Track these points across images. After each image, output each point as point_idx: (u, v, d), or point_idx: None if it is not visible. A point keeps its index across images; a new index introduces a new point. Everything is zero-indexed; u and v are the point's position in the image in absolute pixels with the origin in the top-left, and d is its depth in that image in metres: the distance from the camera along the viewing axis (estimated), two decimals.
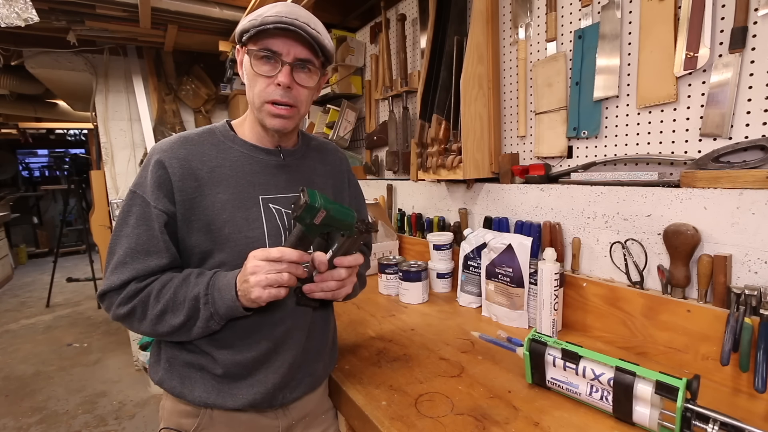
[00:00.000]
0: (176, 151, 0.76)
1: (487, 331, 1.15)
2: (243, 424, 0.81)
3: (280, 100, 0.75)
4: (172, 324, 0.72)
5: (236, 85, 2.63)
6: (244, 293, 0.69)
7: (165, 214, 0.74)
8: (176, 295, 0.72)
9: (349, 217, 0.74)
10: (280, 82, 0.74)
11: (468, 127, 1.35)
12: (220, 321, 0.73)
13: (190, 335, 0.74)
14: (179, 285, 0.73)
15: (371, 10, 2.12)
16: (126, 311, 0.73)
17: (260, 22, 0.70)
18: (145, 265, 0.73)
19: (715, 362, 0.86)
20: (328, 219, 0.70)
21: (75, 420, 2.51)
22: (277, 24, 0.69)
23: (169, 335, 0.75)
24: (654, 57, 0.99)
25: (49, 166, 7.82)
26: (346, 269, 0.75)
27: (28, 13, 1.59)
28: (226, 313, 0.71)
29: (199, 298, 0.71)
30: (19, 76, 3.11)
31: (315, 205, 0.68)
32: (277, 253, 0.68)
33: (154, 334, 0.75)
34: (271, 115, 0.76)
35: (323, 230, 0.73)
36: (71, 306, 4.62)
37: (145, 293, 0.73)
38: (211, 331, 0.74)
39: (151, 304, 0.72)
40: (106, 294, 0.75)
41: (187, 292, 0.72)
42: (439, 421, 0.77)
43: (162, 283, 0.73)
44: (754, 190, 0.83)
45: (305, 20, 0.72)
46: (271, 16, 0.70)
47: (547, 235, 1.23)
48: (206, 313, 0.71)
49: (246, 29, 0.72)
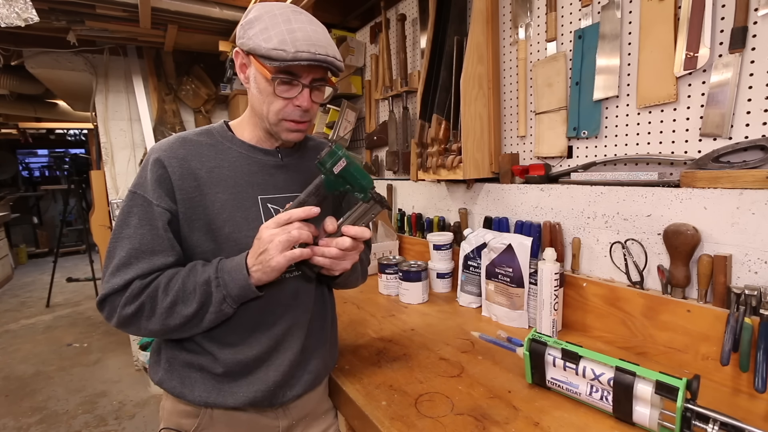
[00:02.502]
0: (175, 151, 0.76)
1: (487, 331, 1.15)
2: (243, 424, 0.81)
3: (300, 119, 0.78)
4: (185, 314, 0.71)
5: (236, 85, 2.62)
6: (262, 267, 0.70)
7: (168, 212, 0.73)
8: (185, 284, 0.71)
9: (366, 179, 0.74)
10: (300, 105, 0.75)
11: (468, 127, 1.35)
12: (232, 304, 0.72)
13: (201, 325, 0.73)
14: (187, 275, 0.72)
15: (371, 10, 2.12)
16: (133, 310, 0.70)
17: (293, 57, 0.68)
18: (151, 265, 0.72)
19: (715, 362, 0.86)
20: (347, 172, 0.72)
21: (75, 420, 2.51)
22: (311, 61, 0.69)
23: (180, 328, 0.73)
24: (654, 57, 0.99)
25: (49, 166, 7.82)
26: (351, 240, 0.74)
27: (28, 13, 1.59)
28: (239, 294, 0.71)
29: (210, 281, 0.71)
30: (19, 76, 3.11)
31: (338, 152, 0.72)
32: (285, 215, 0.71)
33: (164, 329, 0.72)
34: (289, 131, 0.79)
35: (339, 186, 0.74)
36: (71, 306, 4.62)
37: (152, 288, 0.71)
38: (224, 316, 0.74)
39: (159, 297, 0.71)
40: (107, 298, 0.72)
41: (197, 279, 0.71)
42: (439, 421, 0.77)
43: (168, 277, 0.72)
44: (754, 190, 0.83)
45: (331, 52, 0.72)
46: (304, 52, 0.68)
47: (547, 235, 1.23)
48: (219, 296, 0.71)
49: (273, 57, 0.69)
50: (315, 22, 0.74)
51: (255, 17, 0.72)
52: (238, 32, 0.76)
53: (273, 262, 0.69)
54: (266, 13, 0.72)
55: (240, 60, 0.78)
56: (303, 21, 0.72)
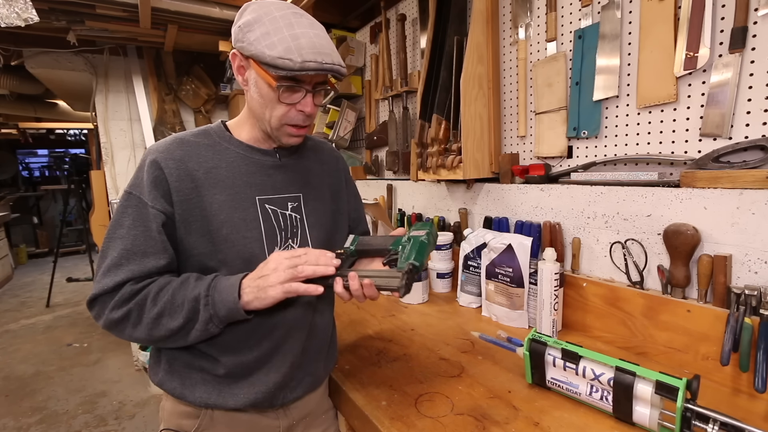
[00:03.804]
0: (172, 152, 0.75)
1: (487, 331, 1.15)
2: (244, 425, 0.81)
3: (302, 124, 0.78)
4: (170, 327, 0.70)
5: (236, 85, 2.63)
6: (257, 291, 0.69)
7: (163, 214, 0.72)
8: (174, 297, 0.70)
9: (421, 259, 0.75)
10: (303, 110, 0.75)
11: (468, 127, 1.35)
12: (219, 324, 0.71)
13: (186, 340, 0.72)
14: (177, 288, 0.71)
15: (371, 10, 2.12)
16: (120, 315, 0.70)
17: (300, 67, 0.68)
18: (142, 267, 0.71)
19: (715, 362, 0.86)
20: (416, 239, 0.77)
21: (75, 420, 2.51)
22: (318, 71, 0.69)
23: (164, 340, 0.72)
24: (654, 57, 0.99)
25: (49, 166, 7.82)
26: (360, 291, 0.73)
27: (28, 13, 1.59)
28: (227, 315, 0.70)
29: (200, 299, 0.70)
30: (19, 76, 3.11)
31: (432, 228, 0.80)
32: (302, 250, 0.71)
33: (149, 339, 0.72)
34: (290, 136, 0.79)
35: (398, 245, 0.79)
36: (71, 306, 4.62)
37: (141, 296, 0.70)
38: (210, 335, 0.73)
39: (147, 307, 0.70)
40: (97, 298, 0.71)
41: (186, 294, 0.70)
42: (439, 421, 0.77)
43: (159, 286, 0.71)
44: (754, 190, 0.83)
45: (336, 60, 0.72)
46: (310, 62, 0.68)
47: (547, 235, 1.23)
48: (205, 315, 0.70)
49: (279, 66, 0.68)
50: (316, 25, 0.74)
51: (254, 19, 0.70)
52: (235, 33, 0.73)
53: (270, 290, 0.68)
54: (265, 15, 0.70)
55: (238, 62, 0.76)
56: (305, 25, 0.71)
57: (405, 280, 0.70)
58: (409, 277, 0.70)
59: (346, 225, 0.97)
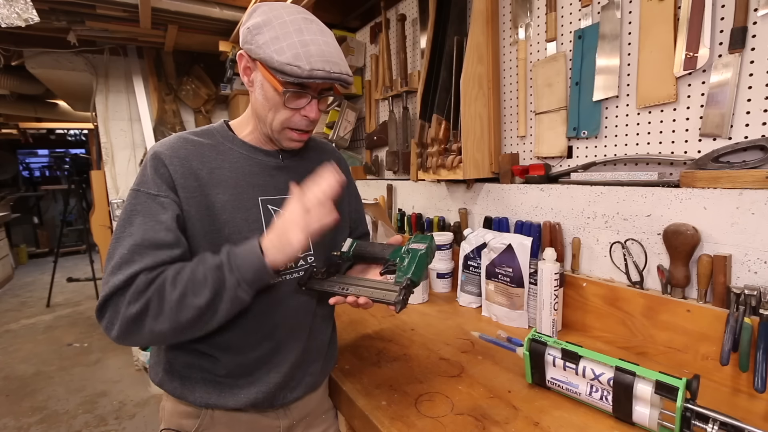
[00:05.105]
0: (177, 150, 0.75)
1: (487, 331, 1.15)
2: (244, 425, 0.81)
3: (305, 129, 0.78)
4: (197, 305, 0.64)
5: (236, 85, 2.62)
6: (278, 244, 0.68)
7: (174, 203, 0.71)
8: (195, 274, 0.66)
9: (419, 275, 0.76)
10: (308, 115, 0.75)
11: (468, 127, 1.35)
12: (248, 289, 0.67)
13: (215, 317, 0.67)
14: (196, 265, 0.67)
15: (371, 10, 2.12)
16: (139, 308, 0.63)
17: (308, 75, 0.67)
18: (155, 258, 0.67)
19: (714, 362, 0.87)
20: (415, 253, 0.78)
21: (75, 420, 2.51)
22: (325, 80, 0.69)
23: (193, 324, 0.66)
24: (654, 57, 0.99)
25: (50, 166, 7.82)
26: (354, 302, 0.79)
27: (28, 13, 1.60)
28: (254, 277, 0.67)
29: (222, 265, 0.66)
30: (20, 76, 3.11)
31: (432, 241, 0.80)
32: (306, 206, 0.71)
33: (175, 327, 0.65)
34: (291, 140, 0.79)
35: (396, 257, 0.80)
36: (71, 306, 4.63)
37: (159, 282, 0.65)
38: (241, 305, 0.68)
39: (167, 291, 0.64)
40: (108, 300, 0.65)
41: (206, 267, 0.67)
42: (439, 421, 0.78)
43: (176, 270, 0.67)
44: (754, 190, 0.83)
45: (344, 69, 0.72)
46: (319, 70, 0.68)
47: (547, 235, 1.23)
48: (232, 281, 0.66)
49: (287, 72, 0.67)
50: (326, 32, 0.73)
51: (263, 22, 0.70)
52: (243, 34, 0.73)
53: (292, 235, 0.67)
54: (275, 19, 0.70)
55: (244, 63, 0.76)
56: (315, 32, 0.71)
57: (402, 296, 0.71)
58: (406, 292, 0.72)
59: (347, 226, 0.97)
